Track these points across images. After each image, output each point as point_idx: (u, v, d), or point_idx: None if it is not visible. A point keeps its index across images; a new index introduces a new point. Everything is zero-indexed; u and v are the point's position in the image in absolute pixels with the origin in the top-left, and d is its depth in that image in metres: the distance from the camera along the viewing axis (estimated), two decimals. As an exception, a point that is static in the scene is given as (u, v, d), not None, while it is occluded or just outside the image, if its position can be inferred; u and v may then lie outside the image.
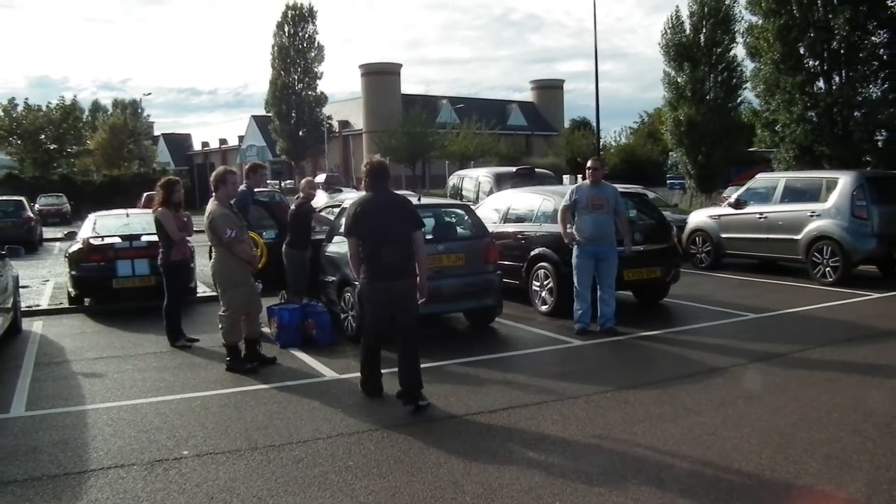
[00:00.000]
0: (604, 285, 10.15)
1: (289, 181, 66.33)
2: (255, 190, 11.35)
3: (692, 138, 29.69)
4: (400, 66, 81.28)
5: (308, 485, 5.33)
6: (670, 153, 39.45)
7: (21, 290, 14.06)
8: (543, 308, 11.39)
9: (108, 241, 12.66)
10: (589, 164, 10.52)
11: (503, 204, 13.19)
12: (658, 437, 6.12)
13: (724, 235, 15.74)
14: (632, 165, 54.03)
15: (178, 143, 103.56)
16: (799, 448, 5.76)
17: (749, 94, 28.41)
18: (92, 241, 12.69)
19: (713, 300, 12.30)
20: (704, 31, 29.55)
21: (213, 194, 8.70)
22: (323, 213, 12.25)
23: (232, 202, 8.88)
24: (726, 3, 29.29)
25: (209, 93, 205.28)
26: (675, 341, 9.67)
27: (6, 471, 5.78)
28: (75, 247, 12.94)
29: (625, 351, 9.39)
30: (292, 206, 11.07)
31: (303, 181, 11.85)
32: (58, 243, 24.55)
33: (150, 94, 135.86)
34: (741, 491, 5.00)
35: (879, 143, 22.75)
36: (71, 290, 13.05)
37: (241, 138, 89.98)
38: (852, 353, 8.82)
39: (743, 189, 16.24)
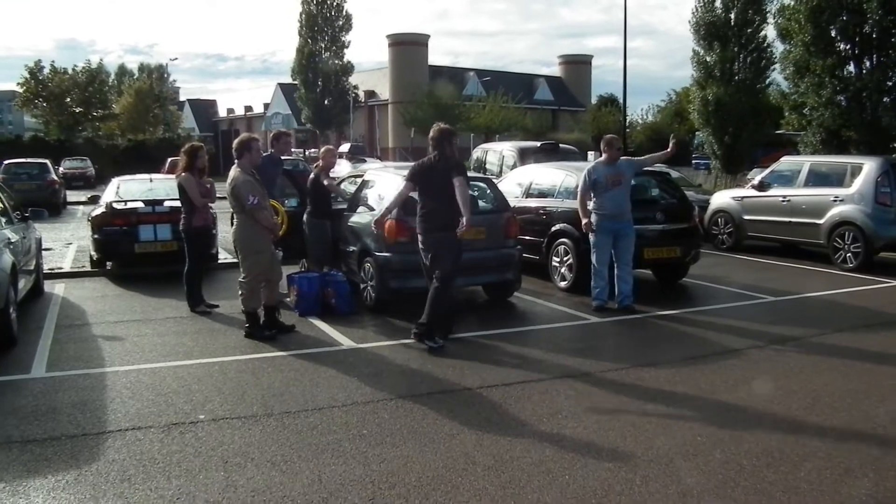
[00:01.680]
0: (622, 262, 10.15)
1: (314, 150, 66.37)
2: (283, 158, 11.44)
3: (719, 118, 29.36)
4: (427, 37, 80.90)
5: (321, 451, 5.42)
6: (697, 133, 39.13)
7: (44, 252, 14.27)
8: (562, 284, 11.42)
9: (130, 205, 12.77)
10: (602, 142, 10.57)
11: (525, 178, 13.19)
12: (670, 415, 6.17)
13: (746, 217, 15.66)
14: (658, 144, 53.67)
15: (204, 109, 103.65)
16: (810, 432, 5.78)
17: (778, 76, 28.09)
18: (115, 205, 12.80)
19: (732, 282, 12.28)
20: (736, 10, 29.12)
21: (237, 161, 8.77)
22: (344, 184, 12.33)
23: (254, 170, 8.94)
24: (759, -19, 28.92)
25: (236, 59, 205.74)
26: (692, 321, 9.68)
27: (26, 430, 5.91)
28: (98, 210, 13.08)
29: (641, 329, 9.41)
30: (311, 175, 11.13)
31: (322, 149, 11.89)
32: (81, 206, 24.75)
33: (176, 59, 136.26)
34: (749, 472, 5.04)
35: (908, 130, 22.49)
36: (93, 253, 13.20)
37: (266, 106, 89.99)
38: (869, 340, 8.79)
39: (767, 171, 16.13)
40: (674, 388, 6.91)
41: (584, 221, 10.24)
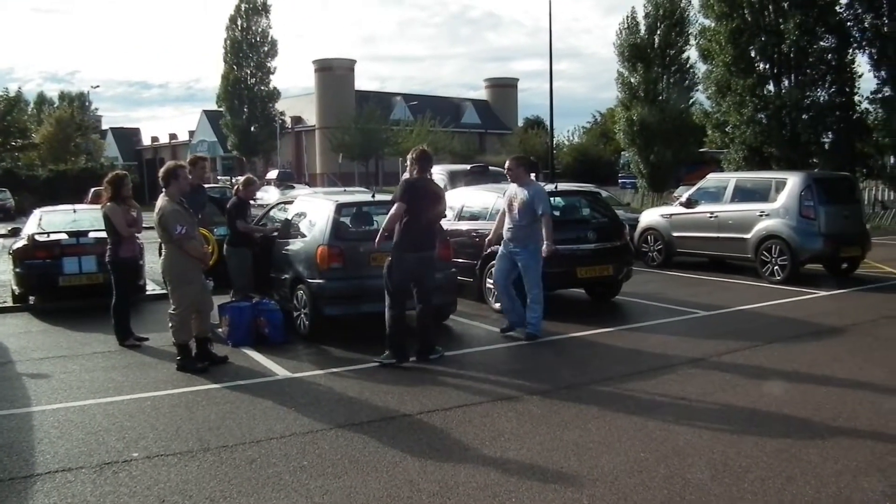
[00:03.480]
0: (526, 289, 9.85)
1: (240, 177, 65.55)
2: (207, 186, 11.23)
3: (644, 138, 30.03)
4: (354, 62, 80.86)
5: (262, 486, 5.27)
6: (623, 153, 39.79)
7: (-38, 288, 13.78)
8: (497, 305, 11.38)
9: (54, 237, 12.38)
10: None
11: (457, 201, 13.17)
12: (612, 433, 6.17)
13: (675, 234, 15.94)
14: (584, 164, 54.41)
15: (127, 137, 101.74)
16: (750, 443, 5.85)
17: (701, 96, 28.80)
18: (37, 237, 12.38)
19: (665, 298, 12.45)
20: (659, 32, 29.89)
21: (164, 190, 8.57)
22: (274, 211, 12.20)
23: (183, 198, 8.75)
24: (681, 5, 29.63)
25: (160, 86, 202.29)
26: (627, 339, 9.77)
27: (-51, 475, 5.64)
28: (20, 243, 12.60)
29: (578, 348, 9.45)
30: (228, 204, 10.97)
31: (242, 178, 11.74)
32: (1, 240, 23.95)
33: (98, 86, 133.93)
34: (695, 486, 5.06)
35: (826, 146, 23.23)
36: (15, 287, 12.75)
37: (191, 133, 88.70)
38: (800, 350, 8.98)
39: (694, 189, 16.47)
40: (613, 405, 6.93)
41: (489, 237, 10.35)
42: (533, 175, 10.69)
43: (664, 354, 8.82)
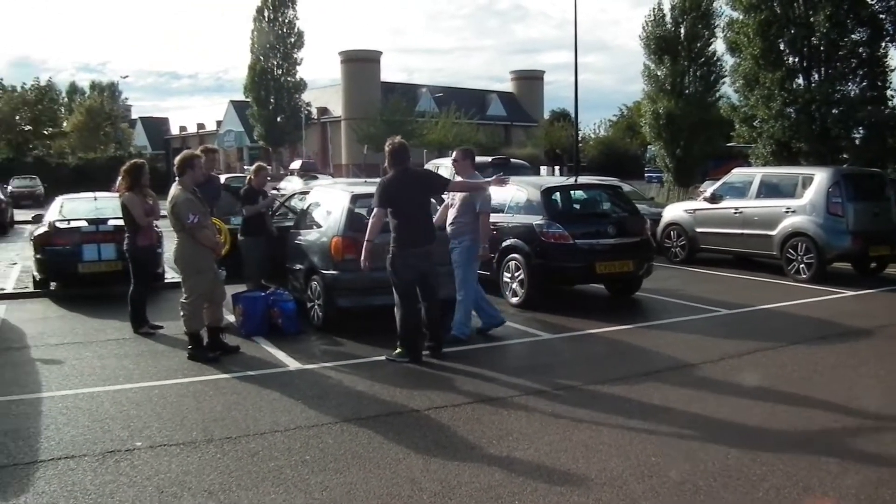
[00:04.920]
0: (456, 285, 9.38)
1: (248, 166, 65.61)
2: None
3: (670, 131, 29.63)
4: (380, 53, 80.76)
5: (262, 479, 5.16)
6: (649, 146, 39.45)
7: (-14, 273, 13.83)
8: (514, 300, 11.25)
9: (74, 224, 12.38)
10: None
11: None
12: (624, 434, 6.00)
13: (698, 230, 15.67)
14: (610, 158, 54.06)
15: (156, 126, 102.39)
16: (768, 449, 5.64)
17: (728, 89, 28.38)
18: (58, 224, 12.41)
19: (686, 295, 12.21)
20: (685, 24, 29.46)
21: (177, 178, 8.50)
22: (294, 201, 12.10)
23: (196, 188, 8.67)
24: (708, -4, 29.25)
25: (189, 77, 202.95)
26: (645, 337, 9.56)
27: (-48, 461, 5.59)
28: (41, 230, 12.66)
29: (594, 345, 9.25)
30: (242, 193, 10.86)
31: (253, 166, 11.62)
32: (28, 226, 24.15)
33: (127, 76, 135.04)
34: (706, 492, 4.88)
35: (857, 141, 22.80)
36: (36, 273, 12.78)
37: (218, 123, 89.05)
38: (825, 352, 8.75)
39: (719, 183, 16.18)
40: (628, 405, 6.75)
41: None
42: (556, 168, 10.48)
43: (683, 354, 8.59)
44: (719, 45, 28.30)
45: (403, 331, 8.30)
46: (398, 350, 8.29)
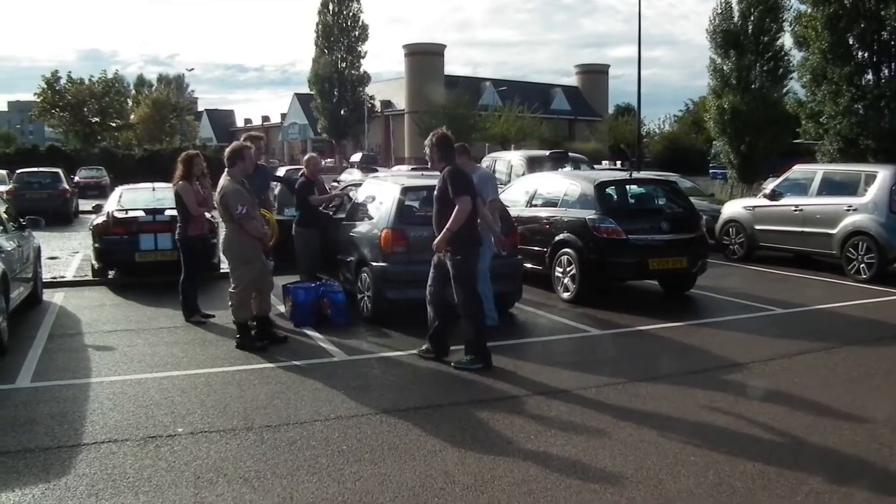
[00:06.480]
0: None
1: (329, 160, 66.15)
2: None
3: (735, 127, 29.07)
4: (444, 47, 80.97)
5: (297, 468, 5.23)
6: (714, 142, 38.77)
7: (50, 261, 14.25)
8: (565, 295, 11.19)
9: (131, 214, 12.67)
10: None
11: (530, 187, 13.03)
12: (664, 433, 5.92)
13: (757, 227, 15.35)
14: (675, 154, 53.26)
15: (222, 119, 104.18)
16: (811, 453, 5.53)
17: (795, 85, 27.77)
18: (116, 213, 12.71)
19: (741, 293, 11.99)
20: (753, 18, 28.86)
21: (227, 169, 8.62)
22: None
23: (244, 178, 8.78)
24: (776, -10, 28.62)
25: (256, 70, 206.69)
26: (696, 334, 9.43)
27: (1, 442, 5.76)
28: (100, 219, 12.97)
29: (643, 342, 9.16)
30: (296, 185, 10.94)
31: (305, 157, 11.70)
32: (91, 216, 24.73)
33: (192, 69, 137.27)
34: (743, 495, 4.79)
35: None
36: (94, 262, 13.10)
37: (283, 116, 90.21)
38: (880, 354, 8.51)
39: (779, 180, 15.84)
40: (671, 403, 6.67)
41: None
42: (618, 164, 10.37)
43: (732, 353, 8.44)
44: (787, 40, 27.69)
45: (477, 334, 7.78)
46: (470, 357, 7.76)
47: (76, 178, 36.01)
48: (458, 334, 7.97)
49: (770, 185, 16.96)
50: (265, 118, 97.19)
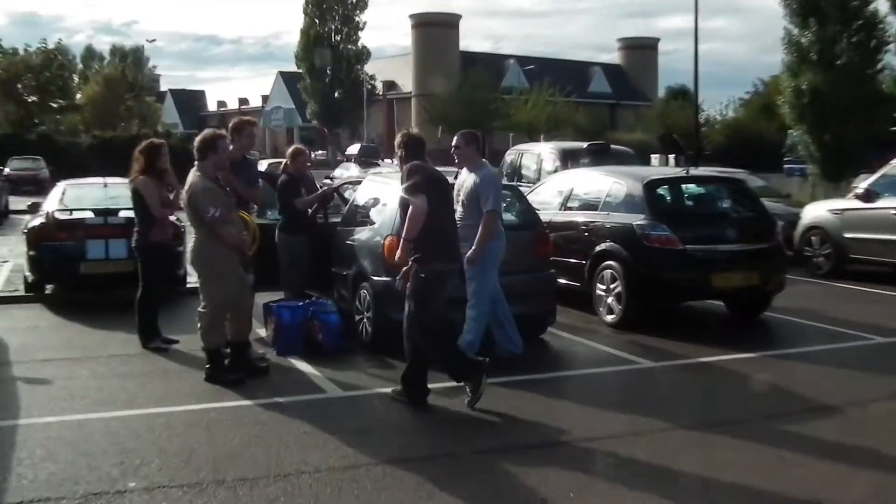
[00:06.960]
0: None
1: (320, 152, 66.46)
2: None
3: (817, 113, 29.03)
4: (459, 17, 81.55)
5: (278, 533, 5.16)
6: (789, 131, 38.72)
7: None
8: (609, 318, 11.14)
9: (77, 215, 12.59)
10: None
11: (565, 186, 13.00)
12: (739, 495, 5.83)
13: (847, 235, 15.26)
14: (741, 145, 53.23)
15: (190, 101, 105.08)
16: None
17: (893, 59, 27.70)
18: (58, 214, 12.61)
19: (829, 317, 11.91)
20: (838, -22, 28.94)
21: (197, 163, 8.55)
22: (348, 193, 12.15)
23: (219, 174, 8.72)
24: (867, -56, 28.62)
25: (232, 42, 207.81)
26: (774, 368, 9.39)
27: None
28: (37, 221, 12.86)
29: (709, 377, 9.14)
30: (279, 182, 10.86)
31: (290, 149, 11.62)
32: (25, 216, 24.80)
33: (154, 40, 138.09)
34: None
35: None
36: (28, 273, 12.99)
37: (265, 98, 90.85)
38: None
39: (875, 177, 15.75)
40: (745, 455, 6.58)
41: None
42: (671, 157, 10.30)
43: (821, 393, 8.38)
44: (882, 4, 27.60)
45: (412, 364, 7.82)
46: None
47: (6, 171, 35.98)
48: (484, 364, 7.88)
49: (863, 182, 16.87)
50: (243, 101, 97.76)
